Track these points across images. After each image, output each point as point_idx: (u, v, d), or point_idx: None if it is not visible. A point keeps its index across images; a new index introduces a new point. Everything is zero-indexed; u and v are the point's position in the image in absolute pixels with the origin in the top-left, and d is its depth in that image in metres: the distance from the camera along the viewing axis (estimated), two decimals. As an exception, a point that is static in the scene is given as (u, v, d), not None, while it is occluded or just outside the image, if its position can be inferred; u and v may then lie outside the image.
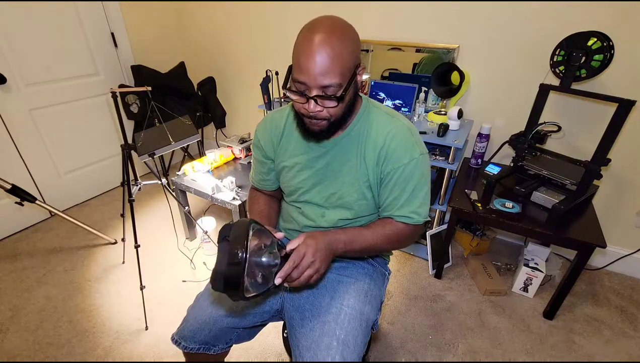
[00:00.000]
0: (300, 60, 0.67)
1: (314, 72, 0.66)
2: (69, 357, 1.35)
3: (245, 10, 2.26)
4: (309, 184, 0.89)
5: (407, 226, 0.84)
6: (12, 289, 1.65)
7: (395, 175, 0.81)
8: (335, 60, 0.66)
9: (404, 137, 0.80)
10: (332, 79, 0.67)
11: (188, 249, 1.93)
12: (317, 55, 0.65)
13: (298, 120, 0.81)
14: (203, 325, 0.88)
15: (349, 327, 0.81)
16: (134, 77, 2.30)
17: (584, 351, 1.40)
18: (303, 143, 0.88)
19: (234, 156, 2.05)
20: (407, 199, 0.82)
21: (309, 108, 0.71)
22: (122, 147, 1.47)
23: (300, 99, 0.72)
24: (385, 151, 0.80)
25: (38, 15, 1.87)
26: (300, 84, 0.70)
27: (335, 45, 0.66)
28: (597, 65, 1.28)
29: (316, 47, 0.65)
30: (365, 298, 0.89)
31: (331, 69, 0.66)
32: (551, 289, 1.62)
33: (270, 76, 1.85)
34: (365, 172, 0.83)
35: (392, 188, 0.82)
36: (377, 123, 0.83)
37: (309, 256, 0.70)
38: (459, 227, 1.94)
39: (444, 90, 1.73)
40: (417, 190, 0.82)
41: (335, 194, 0.87)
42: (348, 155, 0.84)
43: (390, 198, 0.83)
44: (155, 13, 2.42)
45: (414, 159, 0.80)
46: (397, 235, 0.85)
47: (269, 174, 0.99)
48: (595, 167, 1.35)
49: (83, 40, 2.09)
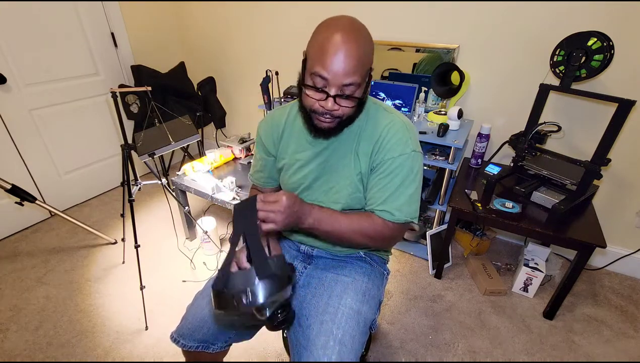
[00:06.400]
0: (324, 57, 0.67)
1: (338, 71, 0.67)
2: (69, 357, 1.35)
3: (245, 10, 2.26)
4: (309, 180, 0.90)
5: (386, 224, 0.80)
6: (12, 289, 1.65)
7: (384, 166, 0.80)
8: (358, 60, 0.68)
9: (399, 131, 0.80)
10: (354, 78, 0.69)
11: (188, 249, 1.93)
12: (343, 54, 0.66)
13: (305, 116, 0.80)
14: (202, 322, 0.88)
15: (347, 327, 0.81)
16: (134, 77, 2.30)
17: (584, 351, 1.40)
18: (303, 140, 0.89)
19: (234, 156, 2.05)
20: (391, 194, 0.79)
21: (326, 105, 0.72)
22: (122, 147, 1.47)
23: (320, 95, 0.72)
24: (380, 143, 0.80)
25: (38, 16, 1.87)
26: (320, 80, 0.70)
27: (359, 44, 0.68)
28: (597, 65, 1.28)
29: (342, 45, 0.66)
30: (364, 298, 0.89)
31: (355, 68, 0.68)
32: (551, 289, 1.62)
33: (270, 76, 1.85)
34: (358, 165, 0.83)
35: (378, 180, 0.81)
36: (375, 118, 0.83)
37: (279, 205, 0.69)
38: (459, 227, 1.94)
39: (444, 90, 1.73)
40: (403, 186, 0.79)
41: (333, 188, 0.88)
42: (345, 149, 0.85)
43: (374, 190, 0.82)
44: (155, 13, 2.42)
45: (405, 153, 0.79)
46: (374, 231, 0.81)
47: (271, 171, 1.00)
48: (595, 167, 1.35)
49: (83, 40, 2.09)
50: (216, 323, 0.88)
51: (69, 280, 1.70)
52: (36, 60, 1.91)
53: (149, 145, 1.49)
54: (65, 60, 2.03)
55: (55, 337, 1.42)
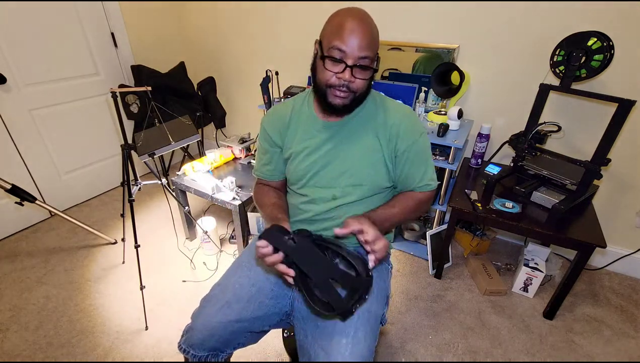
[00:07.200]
0: (342, 33, 0.75)
1: (355, 44, 0.75)
2: (69, 357, 1.35)
3: (245, 10, 2.26)
4: (317, 166, 0.92)
5: (426, 194, 0.96)
6: (12, 289, 1.65)
7: (412, 150, 0.90)
8: (372, 37, 0.78)
9: (411, 115, 0.92)
10: (369, 52, 0.77)
11: (188, 249, 1.93)
12: (359, 30, 0.75)
13: (320, 96, 0.85)
14: (212, 331, 0.86)
15: (358, 324, 0.83)
16: (134, 77, 2.30)
17: (584, 351, 1.40)
18: (311, 128, 0.92)
19: (234, 156, 2.05)
20: (425, 170, 0.93)
21: (344, 76, 0.78)
22: (122, 147, 1.47)
23: (338, 67, 0.78)
24: (397, 129, 0.88)
25: (38, 15, 1.87)
26: (338, 52, 0.76)
27: (372, 27, 0.78)
28: (597, 65, 1.28)
29: (359, 23, 0.75)
30: (372, 295, 0.91)
31: (370, 43, 0.77)
32: (551, 289, 1.62)
33: (270, 76, 1.85)
34: (379, 148, 0.90)
35: (411, 163, 0.91)
36: (385, 105, 0.92)
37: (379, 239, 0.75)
38: (459, 227, 1.94)
39: (444, 90, 1.73)
40: (429, 160, 0.94)
41: (345, 173, 0.91)
42: (359, 134, 0.90)
43: (411, 171, 0.92)
44: (155, 13, 2.42)
45: (422, 133, 0.91)
46: (418, 206, 0.96)
47: (278, 163, 1.01)
48: (595, 167, 1.35)
49: (83, 40, 2.09)
50: (229, 329, 0.88)
51: (69, 280, 1.70)
52: (36, 60, 1.91)
53: (149, 145, 1.49)
54: (65, 60, 2.03)
55: (55, 337, 1.42)
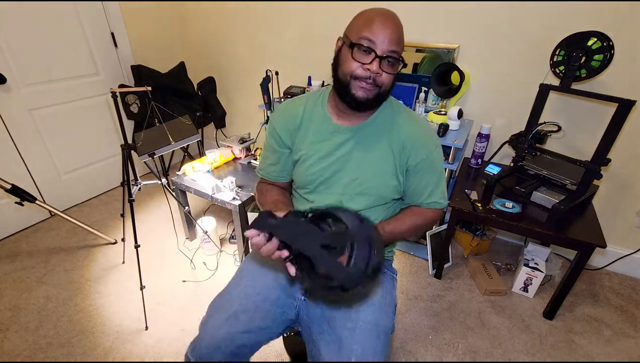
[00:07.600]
0: (372, 25, 0.74)
1: (385, 37, 0.74)
2: (69, 357, 1.35)
3: (245, 10, 2.26)
4: (329, 172, 0.89)
5: (435, 211, 0.92)
6: (12, 289, 1.65)
7: (426, 163, 0.87)
8: (400, 34, 0.77)
9: (425, 127, 0.89)
10: (398, 47, 0.76)
11: (188, 249, 1.93)
12: (390, 24, 0.75)
13: (342, 89, 0.81)
14: (220, 342, 0.83)
15: (366, 341, 0.80)
16: (134, 77, 2.29)
17: (584, 351, 1.40)
18: (323, 130, 0.88)
19: (234, 156, 2.05)
20: (435, 186, 0.89)
21: (371, 67, 0.75)
22: (122, 147, 1.47)
23: (366, 58, 0.76)
24: (412, 141, 0.86)
25: (38, 15, 1.86)
26: (367, 41, 0.74)
27: (401, 25, 0.78)
28: (597, 65, 1.28)
29: (388, 19, 0.75)
30: (380, 308, 0.88)
31: (399, 39, 0.76)
32: (551, 289, 1.62)
33: (270, 76, 1.85)
34: (392, 159, 0.87)
35: (422, 176, 0.88)
36: (400, 115, 0.89)
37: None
38: (459, 227, 1.94)
39: (444, 90, 1.73)
40: (441, 177, 0.91)
41: (356, 180, 0.88)
42: (373, 142, 0.87)
43: (420, 186, 0.89)
44: (155, 13, 2.42)
45: (437, 146, 0.88)
46: (425, 222, 0.93)
47: (285, 164, 0.97)
48: (595, 167, 1.35)
49: (83, 40, 2.09)
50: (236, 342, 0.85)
51: (69, 280, 1.70)
52: (36, 60, 1.91)
53: (149, 145, 1.49)
54: (65, 60, 2.03)
55: (55, 337, 1.42)
